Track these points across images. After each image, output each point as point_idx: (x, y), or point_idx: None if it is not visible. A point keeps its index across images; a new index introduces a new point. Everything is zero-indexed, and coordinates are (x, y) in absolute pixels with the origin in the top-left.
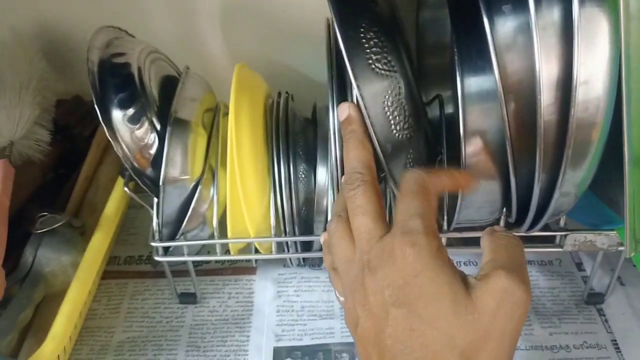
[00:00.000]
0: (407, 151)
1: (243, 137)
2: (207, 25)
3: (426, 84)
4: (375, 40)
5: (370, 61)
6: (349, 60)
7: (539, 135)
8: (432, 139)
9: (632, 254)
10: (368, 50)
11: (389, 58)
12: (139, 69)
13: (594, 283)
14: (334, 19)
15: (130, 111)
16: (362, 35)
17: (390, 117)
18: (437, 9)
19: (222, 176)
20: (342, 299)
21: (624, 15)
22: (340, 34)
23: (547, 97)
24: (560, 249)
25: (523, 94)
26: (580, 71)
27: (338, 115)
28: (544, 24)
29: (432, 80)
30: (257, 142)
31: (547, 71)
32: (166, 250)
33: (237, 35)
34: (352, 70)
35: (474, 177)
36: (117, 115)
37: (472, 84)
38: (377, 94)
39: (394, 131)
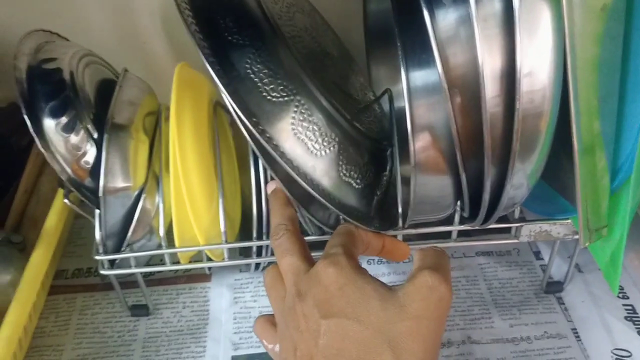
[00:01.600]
0: (337, 163)
1: (186, 140)
2: (149, 24)
3: (377, 76)
4: (265, 70)
5: (265, 93)
6: (238, 105)
7: (485, 128)
8: (364, 139)
9: (586, 244)
10: (259, 84)
11: (284, 83)
12: (71, 74)
13: (553, 271)
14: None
15: (64, 119)
16: (249, 70)
17: (305, 139)
18: (383, 0)
19: (167, 183)
20: (273, 347)
21: (566, 5)
22: (222, 85)
23: (491, 90)
24: (515, 240)
25: (468, 87)
26: (523, 62)
27: (267, 190)
28: (485, 15)
29: (383, 73)
30: (202, 145)
31: (489, 63)
32: (112, 263)
33: (180, 34)
34: (248, 111)
35: (424, 173)
36: (50, 124)
37: (417, 78)
38: (282, 123)
39: (314, 151)
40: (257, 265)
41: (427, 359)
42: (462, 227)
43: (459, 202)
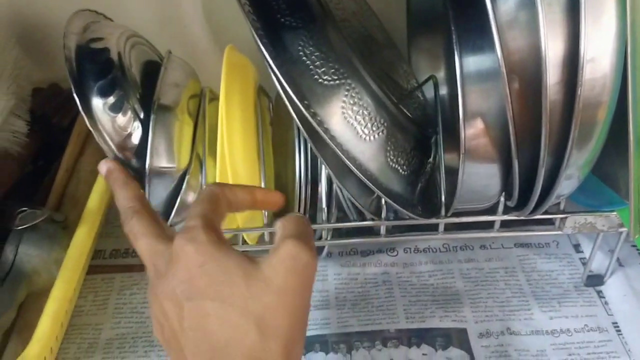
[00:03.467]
0: (385, 149)
1: (234, 122)
2: (190, 7)
3: (417, 64)
4: (317, 53)
5: (316, 76)
6: (291, 87)
7: (544, 116)
8: (411, 126)
9: (637, 236)
10: (311, 67)
11: (335, 66)
12: (119, 54)
13: (593, 265)
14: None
15: (111, 99)
16: (302, 53)
17: (355, 123)
18: None
19: (211, 165)
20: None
21: None
22: (275, 66)
23: (553, 76)
24: (560, 232)
25: (526, 73)
26: (587, 48)
27: (100, 171)
28: (550, 2)
29: (424, 61)
30: (248, 128)
31: (553, 49)
32: None
33: (222, 17)
34: (300, 93)
35: (473, 161)
36: (98, 103)
37: (471, 63)
38: (332, 107)
39: (363, 136)
40: None
41: (294, 332)
42: (506, 217)
43: (503, 193)
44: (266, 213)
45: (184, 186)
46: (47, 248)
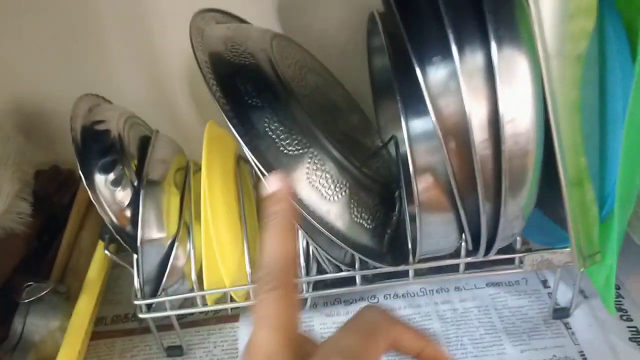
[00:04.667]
0: (349, 207)
1: (215, 190)
2: (177, 89)
3: (385, 124)
4: (281, 127)
5: (282, 148)
6: (259, 160)
7: (476, 169)
8: (374, 184)
9: (581, 269)
10: (277, 140)
11: (298, 137)
12: (119, 135)
13: (560, 298)
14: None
15: (112, 175)
16: (267, 129)
17: (319, 186)
18: (385, 56)
19: (198, 231)
20: None
21: (542, 56)
22: (243, 143)
23: (479, 135)
24: (520, 270)
25: (460, 133)
26: (505, 110)
27: (267, 185)
28: (470, 70)
29: (390, 121)
30: (229, 195)
31: (476, 112)
32: (149, 307)
33: (205, 97)
34: (267, 164)
35: (428, 212)
36: (100, 179)
37: (417, 125)
38: (297, 173)
39: (327, 197)
40: None
41: None
42: (468, 260)
43: (463, 236)
44: (250, 271)
45: (173, 252)
46: (52, 318)
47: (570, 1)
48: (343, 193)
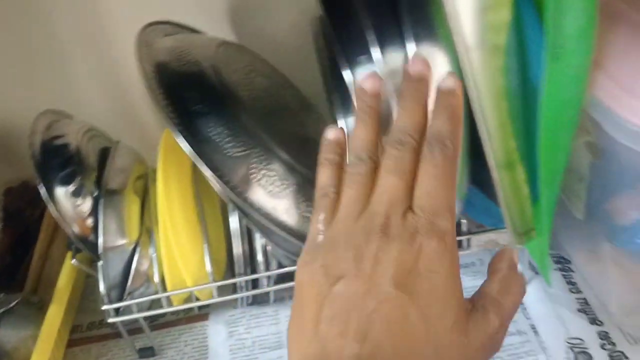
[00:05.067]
0: (297, 202)
1: (171, 194)
2: (139, 100)
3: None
4: (226, 131)
5: (226, 150)
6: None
7: None
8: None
9: (518, 246)
10: (221, 143)
11: (243, 139)
12: (78, 147)
13: None
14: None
15: (72, 187)
16: (212, 133)
17: (265, 184)
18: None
19: (159, 235)
20: (319, 235)
21: (462, 49)
22: (188, 148)
23: None
24: (468, 251)
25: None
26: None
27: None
28: (393, 69)
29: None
30: (185, 198)
31: None
32: (118, 311)
33: None
34: (213, 167)
35: None
36: (60, 191)
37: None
38: (242, 173)
39: (274, 193)
40: (245, 299)
41: None
42: None
43: None
44: (211, 270)
45: (136, 257)
46: (24, 328)
47: (484, 14)
48: (290, 189)
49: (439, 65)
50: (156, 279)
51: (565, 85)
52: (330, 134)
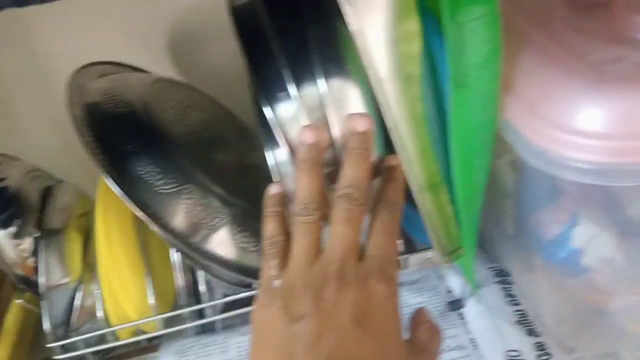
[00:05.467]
0: (231, 233)
1: (111, 229)
2: None
3: None
4: (156, 169)
5: (156, 187)
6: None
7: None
8: (255, 207)
9: (447, 265)
10: (151, 181)
11: (173, 176)
12: (19, 189)
13: (456, 290)
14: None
15: (12, 229)
16: (142, 172)
17: (196, 219)
18: None
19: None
20: (275, 280)
21: (376, 81)
22: (117, 189)
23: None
24: (406, 270)
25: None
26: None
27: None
28: (309, 105)
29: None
30: (126, 232)
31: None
32: (65, 348)
33: None
34: (143, 205)
35: None
36: (1, 234)
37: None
38: (174, 208)
39: (206, 226)
40: (192, 329)
41: None
42: None
43: None
44: (154, 302)
45: (79, 293)
46: None
47: (392, 30)
48: (222, 221)
49: (351, 99)
50: (99, 314)
51: (471, 111)
52: (272, 189)
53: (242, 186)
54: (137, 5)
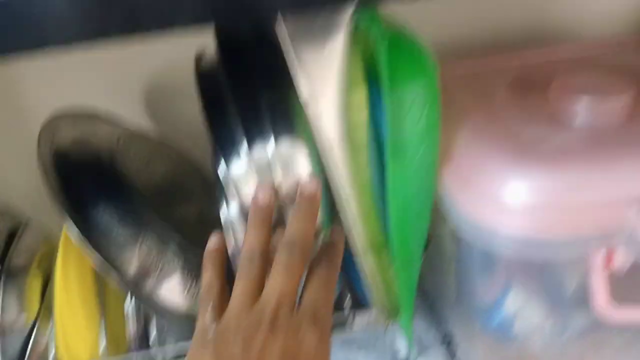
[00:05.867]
0: (188, 274)
1: (69, 273)
2: None
3: None
4: (116, 218)
5: (115, 234)
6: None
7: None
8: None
9: (389, 324)
10: (110, 228)
11: (131, 225)
12: None
13: (403, 352)
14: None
15: None
16: (101, 219)
17: (151, 267)
18: None
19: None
20: (210, 328)
21: (325, 146)
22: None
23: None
24: (351, 330)
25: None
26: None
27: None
28: (260, 165)
29: None
30: (85, 276)
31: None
32: None
33: None
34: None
35: None
36: None
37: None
38: (131, 259)
39: (161, 273)
40: None
41: None
42: None
43: None
44: (105, 346)
45: (34, 335)
46: None
47: (342, 99)
48: (176, 268)
49: (300, 161)
50: (51, 357)
51: (408, 181)
52: (211, 244)
53: (200, 236)
54: (114, 61)
